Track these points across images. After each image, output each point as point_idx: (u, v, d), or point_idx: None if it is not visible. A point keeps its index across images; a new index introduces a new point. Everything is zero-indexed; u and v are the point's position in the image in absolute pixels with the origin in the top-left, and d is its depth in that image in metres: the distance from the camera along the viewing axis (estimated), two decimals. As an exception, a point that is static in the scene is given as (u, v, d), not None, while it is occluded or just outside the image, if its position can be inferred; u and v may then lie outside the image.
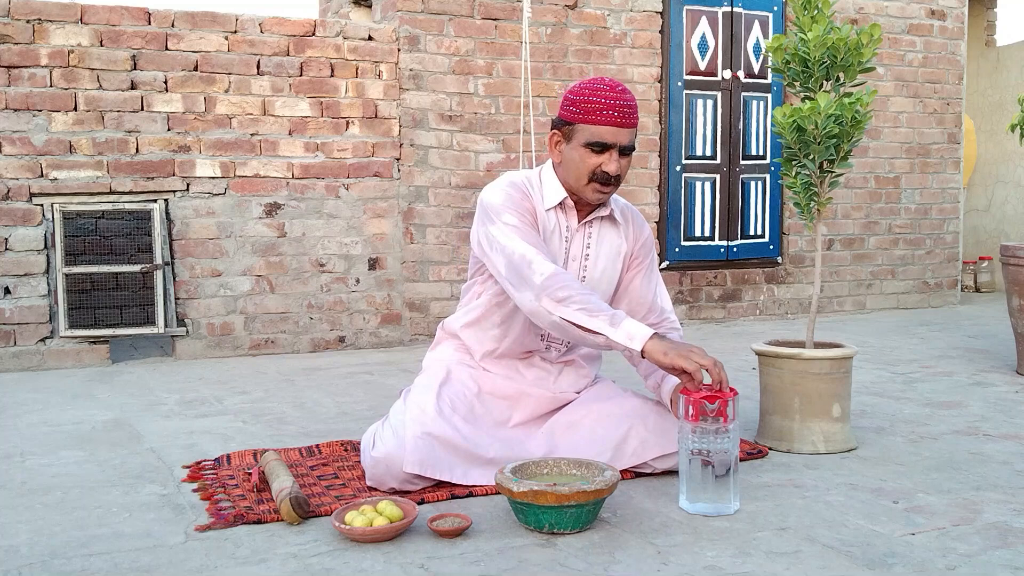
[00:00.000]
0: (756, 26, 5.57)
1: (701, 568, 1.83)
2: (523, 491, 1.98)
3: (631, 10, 5.28)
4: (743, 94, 5.58)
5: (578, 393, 2.59)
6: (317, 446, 2.74)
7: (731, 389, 2.13)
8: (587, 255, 2.50)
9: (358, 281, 4.79)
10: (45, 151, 4.22)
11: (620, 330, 2.17)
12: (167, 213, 4.43)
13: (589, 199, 2.41)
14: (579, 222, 2.49)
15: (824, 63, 2.65)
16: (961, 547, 1.93)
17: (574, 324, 2.21)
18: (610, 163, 2.33)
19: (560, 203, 2.45)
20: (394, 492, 2.27)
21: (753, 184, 5.66)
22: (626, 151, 2.35)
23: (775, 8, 5.61)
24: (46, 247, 4.23)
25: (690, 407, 2.11)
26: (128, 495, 2.33)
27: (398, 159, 4.83)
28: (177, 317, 4.45)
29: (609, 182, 2.35)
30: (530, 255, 2.28)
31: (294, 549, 1.95)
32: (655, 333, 2.17)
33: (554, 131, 2.41)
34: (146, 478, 2.48)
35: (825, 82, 2.70)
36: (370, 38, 4.76)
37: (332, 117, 4.70)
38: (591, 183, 2.36)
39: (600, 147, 2.32)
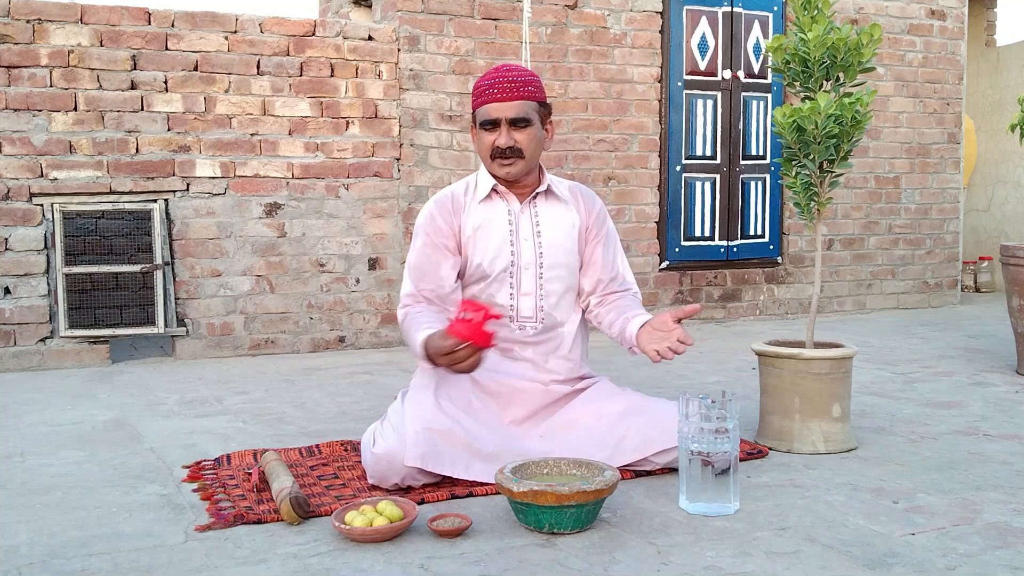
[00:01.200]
0: (756, 26, 5.57)
1: (701, 568, 1.83)
2: (523, 491, 1.98)
3: (631, 10, 5.28)
4: (743, 94, 5.58)
5: (574, 389, 2.58)
6: (317, 446, 2.74)
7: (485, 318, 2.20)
8: (539, 231, 2.57)
9: (358, 281, 4.79)
10: (45, 151, 4.22)
11: (419, 357, 2.35)
12: (167, 213, 4.43)
13: (499, 174, 2.51)
14: (521, 203, 2.57)
15: (824, 63, 2.65)
16: (961, 547, 1.93)
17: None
18: (500, 136, 2.45)
19: (494, 191, 2.56)
20: (396, 489, 2.27)
21: (753, 184, 5.66)
22: (518, 123, 2.45)
23: (775, 8, 5.61)
24: (46, 247, 4.23)
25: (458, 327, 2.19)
26: (128, 495, 2.33)
27: (398, 159, 4.84)
28: (177, 317, 4.45)
29: (505, 155, 2.46)
30: (403, 295, 2.56)
31: (294, 549, 1.95)
32: (424, 339, 2.30)
33: (472, 125, 2.56)
34: (146, 478, 2.48)
35: (825, 82, 2.70)
36: (370, 38, 4.76)
37: (332, 117, 4.70)
38: (494, 161, 2.49)
39: (490, 124, 2.47)
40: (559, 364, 2.59)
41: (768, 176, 5.68)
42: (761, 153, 5.66)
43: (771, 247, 5.75)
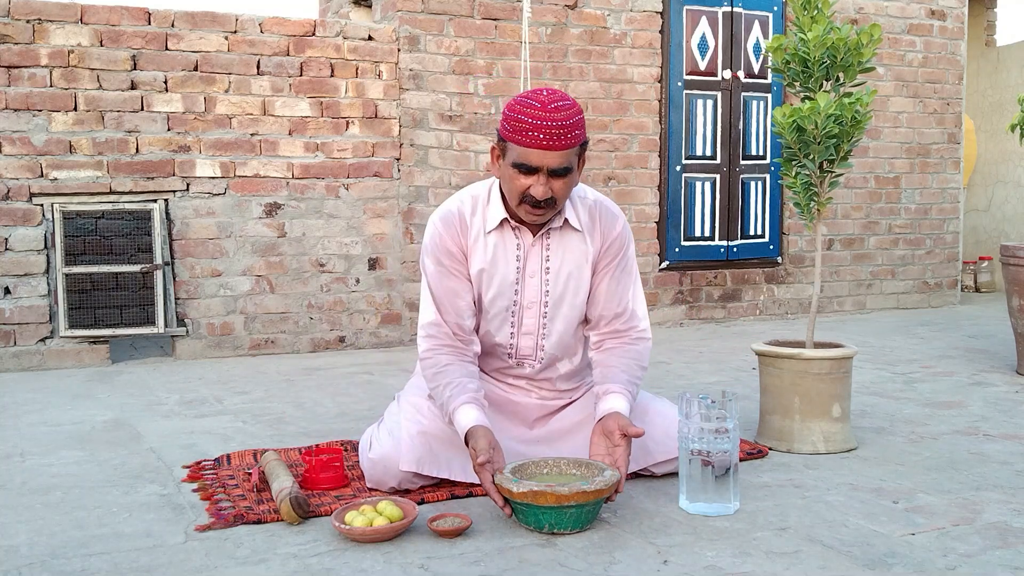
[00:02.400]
0: (756, 26, 5.57)
1: (701, 568, 1.83)
2: (523, 491, 1.98)
3: (631, 10, 5.28)
4: (743, 94, 5.58)
5: (572, 400, 2.53)
6: (317, 446, 2.74)
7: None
8: (547, 268, 2.35)
9: (358, 281, 4.79)
10: (45, 151, 4.22)
11: (455, 423, 2.19)
12: (167, 213, 4.43)
13: (525, 219, 2.27)
14: (534, 236, 2.33)
15: (824, 63, 2.65)
16: (961, 547, 1.93)
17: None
18: (537, 187, 2.16)
19: (506, 221, 2.31)
20: (394, 492, 2.27)
21: (753, 184, 5.66)
22: (558, 173, 2.16)
23: (775, 8, 5.61)
24: (46, 247, 4.23)
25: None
26: (128, 495, 2.33)
27: (398, 159, 4.83)
28: (177, 317, 4.45)
29: (539, 205, 2.20)
30: (423, 324, 2.34)
31: (294, 549, 1.95)
32: (471, 428, 2.14)
33: (493, 145, 2.25)
34: (146, 478, 2.48)
35: (825, 82, 2.70)
36: (370, 38, 4.76)
37: (332, 117, 4.70)
38: (523, 204, 2.22)
39: (527, 169, 2.16)
40: (558, 385, 2.51)
41: (768, 176, 5.68)
42: (761, 153, 5.66)
43: (771, 247, 5.75)
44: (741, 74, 5.55)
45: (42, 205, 4.23)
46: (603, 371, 2.35)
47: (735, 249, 5.64)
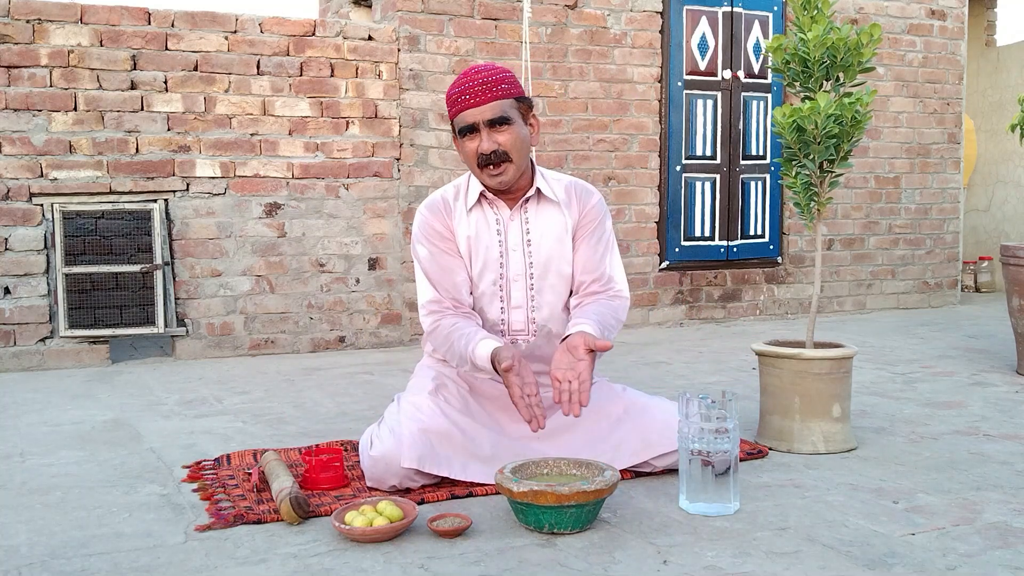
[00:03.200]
0: (756, 26, 5.57)
1: (701, 568, 1.83)
2: (523, 491, 1.98)
3: (631, 10, 5.28)
4: (743, 94, 5.58)
5: None
6: (317, 446, 2.73)
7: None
8: (528, 240, 2.46)
9: (358, 281, 4.79)
10: (45, 151, 4.22)
11: (481, 369, 2.28)
12: (167, 213, 4.43)
13: (490, 184, 2.39)
14: (511, 209, 2.46)
15: (824, 63, 2.65)
16: (961, 547, 1.93)
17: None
18: (482, 143, 2.32)
19: (483, 197, 2.45)
20: (395, 491, 2.27)
21: (753, 184, 5.66)
22: (495, 123, 2.32)
23: (775, 8, 5.61)
24: (46, 247, 4.23)
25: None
26: (128, 495, 2.33)
27: (398, 159, 4.84)
28: (177, 317, 4.45)
29: (490, 161, 2.33)
30: (423, 304, 2.45)
31: (294, 549, 1.95)
32: (495, 350, 2.23)
33: (454, 136, 2.42)
34: (146, 478, 2.48)
35: (825, 82, 2.70)
36: (370, 38, 4.76)
37: (332, 117, 4.70)
38: (482, 170, 2.37)
39: (469, 130, 2.34)
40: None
41: (768, 176, 5.68)
42: (761, 153, 5.66)
43: (771, 247, 5.75)
44: (741, 74, 5.55)
45: (42, 205, 4.23)
46: (575, 312, 2.43)
47: (735, 249, 5.64)
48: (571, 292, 2.53)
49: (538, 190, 2.46)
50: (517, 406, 2.19)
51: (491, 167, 2.35)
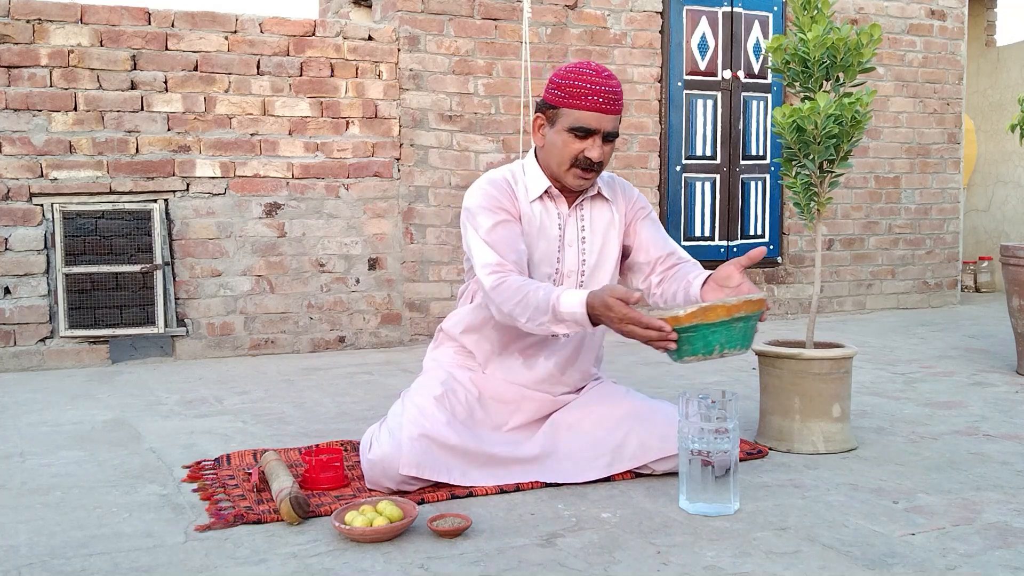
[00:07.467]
0: (756, 26, 5.57)
1: (701, 568, 1.83)
2: (691, 311, 1.96)
3: (631, 10, 5.28)
4: (743, 94, 5.58)
5: (578, 392, 2.56)
6: (317, 446, 2.73)
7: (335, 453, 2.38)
8: (583, 238, 2.47)
9: (358, 281, 4.79)
10: (45, 151, 4.22)
11: (563, 320, 2.17)
12: (167, 213, 4.43)
13: (570, 185, 2.38)
14: (570, 206, 2.46)
15: (824, 63, 2.65)
16: (961, 547, 1.93)
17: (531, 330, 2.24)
18: (593, 149, 2.31)
19: (546, 192, 2.42)
20: (393, 493, 2.27)
21: (753, 184, 5.66)
22: (609, 137, 2.32)
23: (775, 8, 5.61)
24: (46, 247, 4.23)
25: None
26: (128, 495, 2.33)
27: (398, 159, 4.84)
28: (177, 317, 4.45)
29: (591, 168, 2.33)
30: (485, 264, 2.28)
31: (294, 549, 1.95)
32: (590, 296, 2.13)
33: (538, 114, 2.39)
34: (146, 478, 2.48)
35: (825, 82, 2.70)
36: (370, 38, 4.76)
37: (332, 117, 4.70)
38: (572, 168, 2.34)
39: (584, 132, 2.29)
40: (575, 376, 2.54)
41: (768, 176, 5.68)
42: (761, 153, 5.66)
43: (771, 247, 5.75)
44: (741, 74, 5.55)
45: (42, 205, 4.23)
46: (678, 279, 2.47)
47: (735, 249, 5.64)
48: (633, 277, 2.56)
49: (598, 190, 2.48)
50: (650, 327, 2.06)
51: (585, 171, 2.35)
